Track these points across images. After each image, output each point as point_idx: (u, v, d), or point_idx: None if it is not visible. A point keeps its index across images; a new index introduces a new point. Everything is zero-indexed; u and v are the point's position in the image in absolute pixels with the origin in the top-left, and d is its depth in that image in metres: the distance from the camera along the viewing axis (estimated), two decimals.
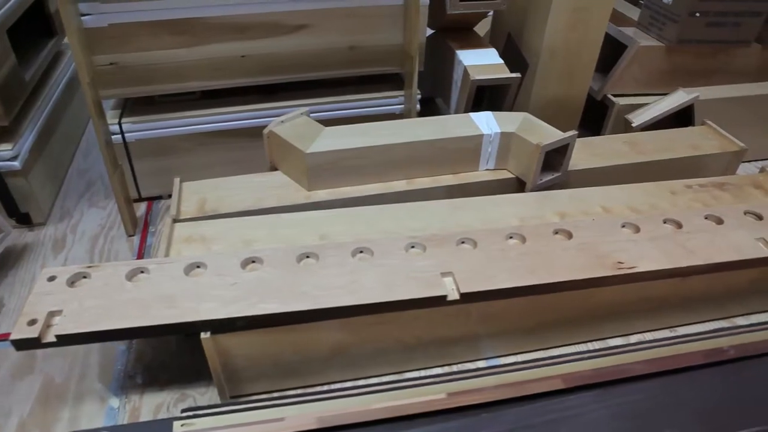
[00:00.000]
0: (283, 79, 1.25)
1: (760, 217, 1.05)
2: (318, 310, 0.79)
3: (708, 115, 1.48)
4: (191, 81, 1.19)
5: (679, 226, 1.00)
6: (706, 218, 1.04)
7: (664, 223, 1.01)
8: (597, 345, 1.05)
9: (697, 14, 1.45)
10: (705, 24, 1.48)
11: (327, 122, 1.17)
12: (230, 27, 1.15)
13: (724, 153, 1.33)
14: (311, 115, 1.19)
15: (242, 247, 0.96)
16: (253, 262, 0.88)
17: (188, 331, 0.79)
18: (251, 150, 1.29)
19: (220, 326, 0.78)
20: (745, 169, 1.58)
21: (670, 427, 0.89)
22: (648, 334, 1.09)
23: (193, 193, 1.08)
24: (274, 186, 1.11)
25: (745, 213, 1.06)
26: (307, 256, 0.89)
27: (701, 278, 0.99)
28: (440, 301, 0.81)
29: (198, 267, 0.86)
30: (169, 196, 1.17)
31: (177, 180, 1.09)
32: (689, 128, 1.44)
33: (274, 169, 1.16)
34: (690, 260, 0.94)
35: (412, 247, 0.89)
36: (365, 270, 0.84)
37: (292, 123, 1.13)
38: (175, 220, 1.00)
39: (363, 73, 1.29)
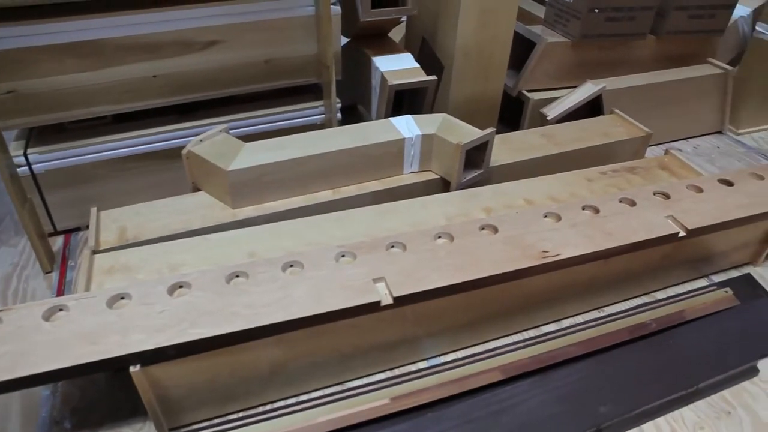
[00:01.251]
0: (199, 98, 1.22)
1: (667, 196, 1.11)
2: (251, 329, 0.77)
3: (615, 103, 1.56)
4: (100, 105, 1.15)
5: (596, 211, 1.05)
6: (620, 201, 1.09)
7: (583, 209, 1.06)
8: (532, 333, 1.08)
9: (596, 10, 1.53)
10: (604, 19, 1.56)
11: (248, 138, 1.15)
12: (139, 47, 1.11)
13: (633, 139, 1.41)
14: (231, 131, 1.17)
15: (169, 273, 0.92)
16: (181, 287, 0.85)
17: (116, 367, 0.75)
18: (172, 172, 1.25)
19: (150, 357, 0.75)
20: (653, 152, 1.68)
21: (604, 404, 0.93)
22: (578, 317, 1.13)
23: (113, 222, 1.04)
24: (198, 207, 1.09)
25: (654, 193, 1.12)
26: (237, 276, 0.87)
27: (621, 258, 1.04)
28: (374, 307, 0.81)
29: (122, 298, 0.82)
30: (88, 227, 1.12)
31: (94, 209, 1.05)
32: (599, 117, 1.51)
33: (196, 189, 1.13)
34: (609, 243, 0.98)
35: (342, 256, 0.88)
36: (297, 284, 0.84)
37: (211, 141, 1.10)
38: (95, 252, 0.96)
39: (280, 86, 1.28)
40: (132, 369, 0.74)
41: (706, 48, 1.82)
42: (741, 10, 1.90)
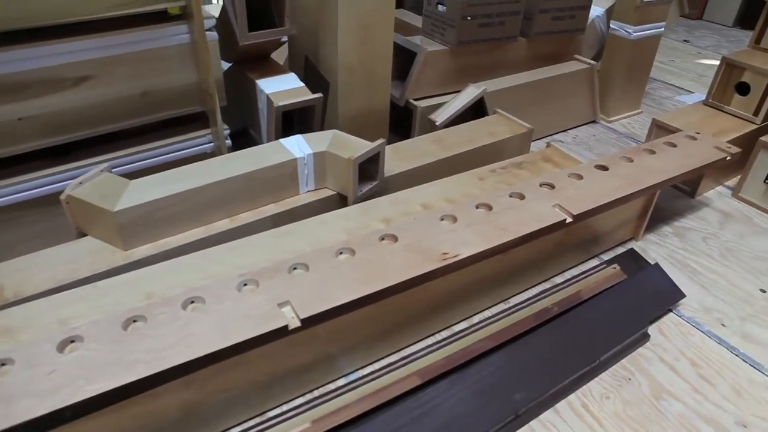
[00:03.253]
0: (74, 138, 1.15)
1: (552, 186, 1.18)
2: (154, 375, 0.73)
3: (497, 104, 1.64)
4: None
5: (489, 208, 1.10)
6: (510, 196, 1.14)
7: (477, 208, 1.10)
8: (444, 334, 1.11)
9: (469, 18, 1.61)
10: (477, 25, 1.64)
11: (133, 175, 1.10)
12: (1, 88, 1.03)
13: (516, 135, 1.49)
14: (115, 170, 1.11)
15: (59, 329, 0.86)
16: (72, 341, 0.79)
17: None
18: (53, 220, 1.16)
19: (43, 424, 0.69)
20: (537, 145, 1.78)
21: (519, 391, 0.97)
22: (486, 311, 1.17)
23: None
24: (86, 253, 1.02)
25: (540, 185, 1.19)
26: (134, 320, 0.82)
27: (518, 250, 1.09)
28: (282, 332, 0.79)
29: (3, 365, 0.75)
30: None
31: None
32: (484, 118, 1.58)
33: (82, 235, 1.06)
34: (504, 237, 1.02)
35: (245, 284, 0.86)
36: (199, 320, 0.80)
37: (92, 183, 1.04)
38: None
39: (161, 118, 1.24)
40: None
41: (572, 46, 1.97)
42: (596, 11, 2.07)
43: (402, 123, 1.69)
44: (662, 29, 1.96)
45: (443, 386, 0.97)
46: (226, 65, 1.47)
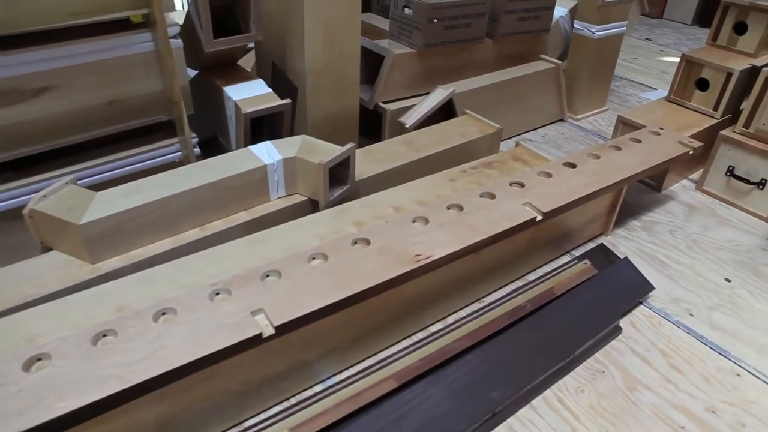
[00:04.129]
0: (36, 150, 1.13)
1: (522, 185, 1.19)
2: (127, 390, 0.72)
3: (466, 104, 1.66)
4: None
5: (461, 209, 1.10)
6: (481, 196, 1.15)
7: (448, 209, 1.10)
8: (420, 335, 1.11)
9: (435, 20, 1.62)
10: (443, 28, 1.65)
11: (100, 186, 1.08)
12: None
13: (485, 136, 1.50)
14: (81, 181, 1.09)
15: (26, 347, 0.84)
16: (39, 359, 0.77)
17: None
18: (17, 235, 1.13)
19: None
20: (507, 145, 1.80)
21: (495, 389, 0.98)
22: (461, 311, 1.18)
23: None
24: (52, 268, 0.99)
25: (510, 184, 1.20)
26: (104, 335, 0.80)
27: (490, 249, 1.11)
28: (257, 340, 0.79)
29: None
30: None
31: None
32: (453, 119, 1.60)
33: (47, 249, 1.04)
34: (476, 237, 1.03)
35: (217, 293, 0.85)
36: (171, 332, 0.79)
37: (56, 196, 1.02)
38: None
39: (128, 128, 1.22)
40: None
41: (538, 46, 2.00)
42: (560, 11, 2.11)
43: (372, 126, 1.70)
44: (624, 28, 2.00)
45: (420, 388, 0.97)
46: (193, 73, 1.45)
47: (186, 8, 1.35)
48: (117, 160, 1.22)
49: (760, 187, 1.53)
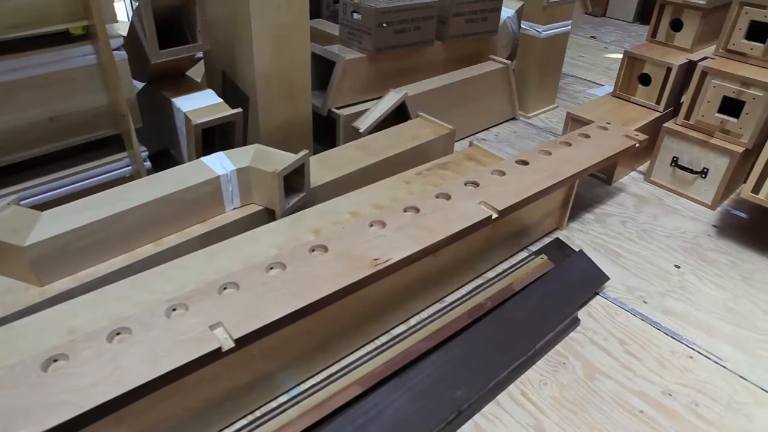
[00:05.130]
0: None
1: (477, 184, 1.21)
2: (81, 416, 0.70)
3: (419, 107, 1.67)
4: None
5: (417, 211, 1.11)
6: (437, 197, 1.16)
7: (405, 211, 1.11)
8: (383, 339, 1.11)
9: (384, 24, 1.63)
10: (393, 32, 1.66)
11: (46, 206, 1.04)
12: None
13: (439, 137, 1.52)
14: (23, 202, 1.05)
15: None
16: None
17: None
18: None
19: None
20: (461, 145, 1.82)
21: (460, 388, 0.99)
22: (423, 312, 1.19)
23: None
24: None
25: (465, 184, 1.21)
26: (55, 360, 0.78)
27: (448, 250, 1.11)
28: (216, 355, 0.77)
29: None
30: None
31: None
32: (407, 122, 1.61)
33: None
34: (433, 238, 1.04)
35: (174, 309, 0.83)
36: (127, 351, 0.77)
37: None
38: None
39: (73, 144, 1.18)
40: None
41: (487, 47, 2.03)
42: (507, 12, 2.15)
43: (326, 132, 1.69)
44: (569, 27, 2.06)
45: (385, 392, 0.97)
46: (140, 85, 1.42)
47: (130, 18, 1.31)
48: (63, 177, 1.18)
49: (703, 175, 1.59)
